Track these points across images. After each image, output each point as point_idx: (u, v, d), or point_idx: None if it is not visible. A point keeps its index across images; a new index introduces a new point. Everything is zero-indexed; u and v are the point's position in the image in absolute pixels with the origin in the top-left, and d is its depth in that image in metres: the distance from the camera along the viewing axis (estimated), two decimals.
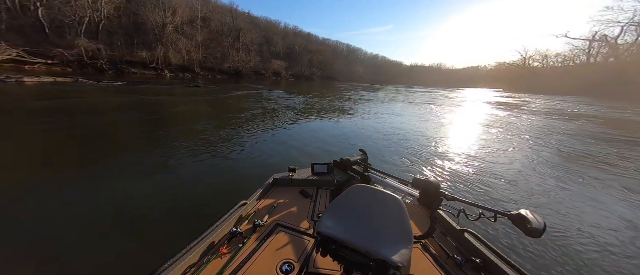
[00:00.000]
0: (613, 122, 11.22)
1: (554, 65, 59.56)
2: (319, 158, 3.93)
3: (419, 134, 6.73)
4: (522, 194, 3.25)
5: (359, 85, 48.81)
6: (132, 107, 7.92)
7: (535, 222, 0.80)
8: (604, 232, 2.43)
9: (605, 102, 24.29)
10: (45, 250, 1.80)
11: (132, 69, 28.47)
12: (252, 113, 8.36)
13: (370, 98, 18.80)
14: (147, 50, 30.17)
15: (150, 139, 4.79)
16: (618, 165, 4.72)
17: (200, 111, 8.40)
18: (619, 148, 6.13)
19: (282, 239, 1.15)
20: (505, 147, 5.69)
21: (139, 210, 2.36)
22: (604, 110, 16.36)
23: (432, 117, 10.55)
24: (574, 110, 16.13)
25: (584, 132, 8.14)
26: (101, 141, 4.52)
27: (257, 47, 49.79)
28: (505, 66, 74.65)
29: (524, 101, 23.62)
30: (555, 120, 10.79)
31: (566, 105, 19.98)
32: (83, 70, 24.42)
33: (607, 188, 3.55)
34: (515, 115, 12.06)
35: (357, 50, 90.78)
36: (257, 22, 55.73)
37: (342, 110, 11.06)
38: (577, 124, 10.03)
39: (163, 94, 12.61)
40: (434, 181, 1.09)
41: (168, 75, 30.54)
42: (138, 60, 29.48)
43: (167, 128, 5.75)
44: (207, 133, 5.38)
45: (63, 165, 3.31)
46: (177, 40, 32.40)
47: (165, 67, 31.99)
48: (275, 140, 5.23)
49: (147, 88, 14.79)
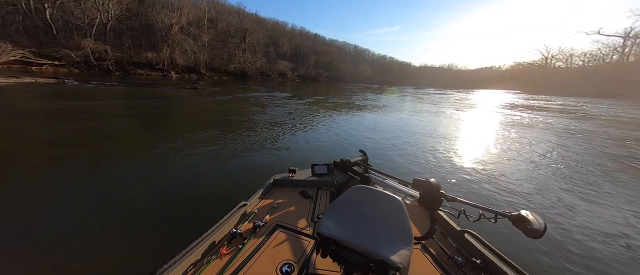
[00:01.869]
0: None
1: (583, 64, 54.34)
2: (319, 159, 3.88)
3: (421, 136, 6.51)
4: (522, 194, 3.17)
5: (367, 86, 47.12)
6: (106, 114, 7.15)
7: (536, 223, 0.80)
8: (605, 233, 2.37)
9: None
10: (45, 250, 1.76)
11: (138, 70, 28.39)
12: (243, 119, 7.54)
13: (374, 104, 17.56)
14: (153, 51, 30.02)
15: (131, 144, 4.49)
16: (625, 170, 4.37)
17: (186, 118, 7.61)
18: (629, 153, 5.64)
19: (282, 240, 1.13)
20: (507, 149, 5.50)
21: (139, 211, 2.33)
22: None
23: (438, 121, 9.73)
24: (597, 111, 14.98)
25: (596, 135, 7.64)
26: (88, 144, 4.29)
27: (263, 47, 49.15)
28: (523, 66, 69.67)
29: (549, 104, 21.54)
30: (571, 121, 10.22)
31: (593, 107, 18.60)
32: (90, 71, 24.45)
33: (611, 190, 3.46)
34: (533, 117, 11.44)
35: (365, 50, 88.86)
36: (264, 23, 55.27)
37: (344, 111, 10.61)
38: (589, 125, 9.38)
39: (152, 97, 11.80)
40: (434, 182, 1.08)
41: (174, 76, 30.29)
42: (144, 61, 29.38)
43: (152, 131, 5.43)
44: (204, 135, 5.18)
45: (62, 166, 3.24)
46: (183, 41, 32.11)
47: (171, 68, 31.79)
48: (274, 142, 5.10)
49: (139, 90, 14.15)
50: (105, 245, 1.84)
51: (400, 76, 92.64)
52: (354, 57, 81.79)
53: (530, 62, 66.50)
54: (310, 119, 7.97)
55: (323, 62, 61.39)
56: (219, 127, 5.93)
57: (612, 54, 47.16)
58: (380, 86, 53.41)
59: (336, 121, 8.00)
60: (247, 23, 45.86)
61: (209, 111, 8.54)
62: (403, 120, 8.99)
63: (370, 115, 9.88)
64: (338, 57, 68.08)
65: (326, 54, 62.43)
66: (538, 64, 63.22)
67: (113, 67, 26.33)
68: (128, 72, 27.48)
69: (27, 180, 2.72)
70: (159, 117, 7.01)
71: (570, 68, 56.31)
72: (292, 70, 53.03)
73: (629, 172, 4.23)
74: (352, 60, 78.60)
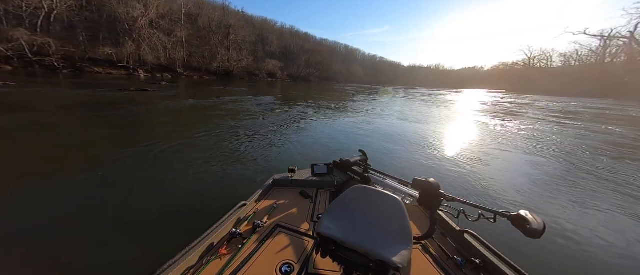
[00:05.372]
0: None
1: (562, 65, 54.70)
2: (318, 159, 3.77)
3: (420, 136, 6.14)
4: (521, 194, 3.09)
5: (359, 86, 43.86)
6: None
7: (535, 223, 0.78)
8: (604, 232, 2.32)
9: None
10: (45, 250, 1.68)
11: (95, 68, 23.11)
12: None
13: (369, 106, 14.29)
14: (114, 46, 24.70)
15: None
16: (621, 169, 4.22)
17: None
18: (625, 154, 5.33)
19: (281, 240, 1.10)
20: (507, 149, 5.28)
21: (138, 211, 2.23)
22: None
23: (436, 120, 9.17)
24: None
25: (586, 135, 7.42)
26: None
27: (250, 45, 44.38)
28: (508, 66, 69.80)
29: (538, 104, 19.89)
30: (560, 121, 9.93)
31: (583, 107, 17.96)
32: (27, 68, 19.10)
33: (610, 189, 3.36)
34: (522, 118, 11.06)
35: (355, 50, 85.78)
36: (251, 21, 50.38)
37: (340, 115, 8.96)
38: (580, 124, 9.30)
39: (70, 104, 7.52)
40: (433, 182, 1.05)
41: (142, 76, 25.21)
42: (104, 57, 24.07)
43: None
44: (202, 137, 4.65)
45: (60, 167, 3.01)
46: (151, 35, 26.86)
47: (139, 66, 26.60)
48: (274, 142, 4.76)
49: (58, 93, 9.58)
50: (104, 246, 1.75)
51: (391, 76, 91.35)
52: (345, 56, 78.33)
53: (514, 62, 66.70)
54: (310, 119, 7.30)
55: (314, 61, 57.38)
56: (213, 132, 5.12)
57: (590, 56, 47.39)
58: (373, 86, 50.93)
59: (335, 121, 7.43)
60: (232, 19, 40.89)
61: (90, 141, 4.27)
62: (402, 120, 8.56)
63: (370, 115, 9.41)
64: (329, 56, 64.27)
65: (317, 53, 58.44)
66: (522, 64, 63.32)
67: (60, 64, 21.00)
68: (82, 70, 22.19)
69: (27, 180, 2.50)
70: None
71: (552, 68, 56.55)
72: (282, 69, 48.71)
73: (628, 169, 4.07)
74: (343, 60, 75.07)
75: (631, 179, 3.73)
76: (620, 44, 41.98)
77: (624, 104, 23.79)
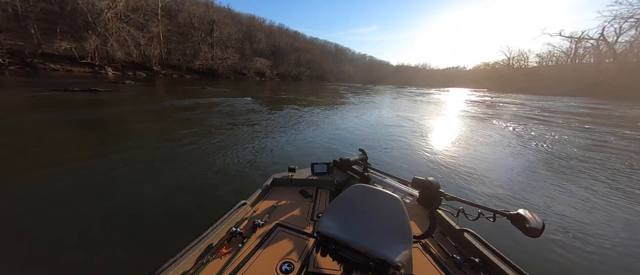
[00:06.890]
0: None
1: (537, 65, 56.98)
2: (318, 158, 3.74)
3: (419, 135, 6.06)
4: (521, 193, 2.99)
5: (351, 86, 42.53)
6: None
7: (534, 222, 0.78)
8: (603, 231, 2.25)
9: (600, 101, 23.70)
10: (44, 250, 1.63)
11: (51, 65, 19.78)
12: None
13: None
14: (73, 40, 21.39)
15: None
16: (620, 166, 4.19)
17: None
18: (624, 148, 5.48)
19: (281, 239, 1.09)
20: (506, 148, 5.17)
21: (138, 211, 2.18)
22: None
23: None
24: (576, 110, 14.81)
25: (581, 130, 7.60)
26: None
27: (236, 43, 41.59)
28: (489, 66, 71.92)
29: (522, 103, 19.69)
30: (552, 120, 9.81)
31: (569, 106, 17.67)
32: None
33: (609, 187, 3.30)
34: (516, 115, 11.06)
35: (346, 49, 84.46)
36: (238, 18, 47.37)
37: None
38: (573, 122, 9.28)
39: None
40: (433, 181, 1.05)
41: (110, 73, 22.07)
42: (61, 53, 20.72)
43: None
44: (202, 135, 4.64)
45: (60, 163, 2.91)
46: (120, 29, 23.66)
47: (106, 63, 23.36)
48: (274, 142, 4.65)
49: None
50: (103, 246, 1.70)
51: (381, 75, 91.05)
52: (335, 55, 76.67)
53: (495, 62, 68.82)
54: (309, 119, 7.09)
55: (304, 60, 55.38)
56: (213, 132, 4.91)
57: (561, 57, 49.42)
58: (364, 85, 49.91)
59: (335, 122, 7.13)
60: (216, 15, 37.88)
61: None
62: (400, 119, 8.43)
63: (369, 114, 9.23)
64: (320, 55, 62.40)
65: (308, 51, 56.38)
66: (502, 64, 65.41)
67: (5, 60, 17.62)
68: (34, 66, 18.86)
69: (28, 180, 2.42)
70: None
71: (529, 68, 58.61)
72: (271, 68, 46.33)
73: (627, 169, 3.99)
74: (334, 58, 73.43)
75: (632, 178, 3.63)
76: (588, 46, 44.07)
77: (602, 102, 24.18)
